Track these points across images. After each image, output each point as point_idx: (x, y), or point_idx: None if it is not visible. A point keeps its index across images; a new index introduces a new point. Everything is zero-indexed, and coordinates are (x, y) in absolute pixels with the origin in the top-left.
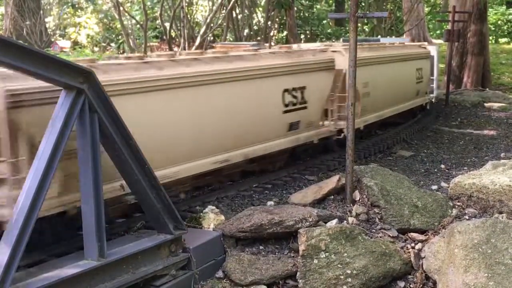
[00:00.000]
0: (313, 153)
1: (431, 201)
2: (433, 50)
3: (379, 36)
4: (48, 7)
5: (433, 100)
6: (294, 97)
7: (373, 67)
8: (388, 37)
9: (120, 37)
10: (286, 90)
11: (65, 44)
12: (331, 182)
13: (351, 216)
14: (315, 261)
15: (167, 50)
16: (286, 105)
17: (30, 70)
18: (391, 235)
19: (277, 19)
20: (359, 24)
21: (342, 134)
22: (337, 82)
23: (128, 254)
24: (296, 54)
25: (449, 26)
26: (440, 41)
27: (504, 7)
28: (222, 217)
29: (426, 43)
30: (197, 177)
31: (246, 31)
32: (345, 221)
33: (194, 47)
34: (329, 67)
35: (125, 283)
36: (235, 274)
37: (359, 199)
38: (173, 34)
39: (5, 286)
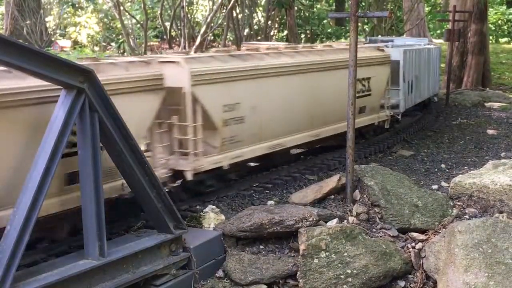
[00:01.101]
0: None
1: (431, 201)
2: (396, 54)
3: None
4: (49, 6)
5: (399, 116)
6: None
7: (259, 81)
8: (387, 36)
9: (120, 36)
10: None
11: (65, 43)
12: (332, 182)
13: (352, 216)
14: (316, 260)
15: (167, 49)
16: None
17: (30, 69)
18: (391, 235)
19: (277, 19)
20: (359, 24)
21: (180, 181)
22: (171, 105)
23: (129, 254)
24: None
25: (449, 26)
26: (440, 40)
27: (505, 6)
28: (223, 217)
29: (386, 44)
30: None
31: (247, 30)
32: (345, 221)
33: (194, 47)
34: (154, 87)
35: (125, 282)
36: (235, 274)
37: (360, 199)
38: (173, 34)
39: (5, 285)
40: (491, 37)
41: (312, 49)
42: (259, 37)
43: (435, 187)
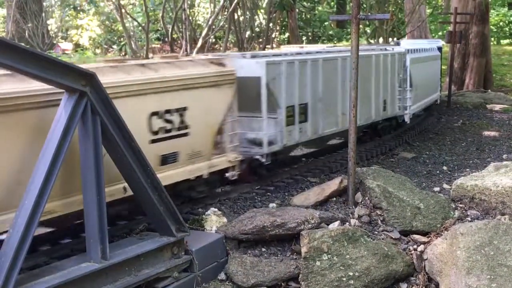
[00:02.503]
0: None
1: (433, 203)
2: (254, 68)
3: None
4: (50, 9)
5: (264, 159)
6: None
7: None
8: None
9: (122, 39)
10: None
11: (67, 46)
12: (333, 184)
13: (354, 218)
14: (318, 263)
15: (169, 52)
16: None
17: (32, 73)
18: (393, 237)
19: (278, 21)
20: (360, 26)
21: None
22: None
23: (131, 257)
24: None
25: (451, 28)
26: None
27: (506, 8)
28: (225, 219)
29: (244, 54)
30: None
31: (248, 33)
32: (347, 223)
33: (196, 49)
34: None
35: (127, 285)
36: (237, 276)
37: (361, 201)
38: (175, 36)
39: None
40: (492, 39)
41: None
42: (260, 40)
43: (437, 189)
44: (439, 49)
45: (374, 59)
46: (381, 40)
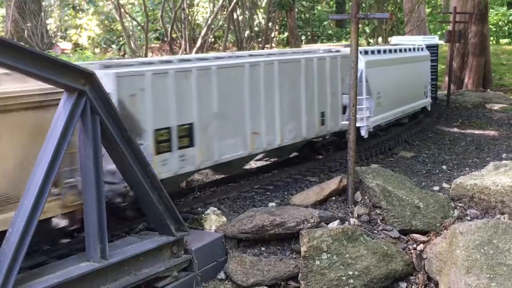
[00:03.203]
0: None
1: (432, 202)
2: (106, 83)
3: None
4: (49, 9)
5: (117, 199)
6: None
7: None
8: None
9: (121, 38)
10: None
11: (66, 46)
12: (333, 183)
13: (353, 217)
14: (317, 262)
15: (169, 51)
16: None
17: (31, 72)
18: (393, 236)
19: (278, 21)
20: (360, 25)
21: None
22: None
23: (130, 256)
24: None
25: (450, 27)
26: (441, 41)
27: (505, 8)
28: (224, 219)
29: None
30: None
31: (247, 32)
32: (346, 222)
33: (195, 49)
34: None
35: (127, 284)
36: (237, 276)
37: (361, 200)
38: (174, 36)
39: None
40: (491, 38)
41: None
42: (259, 39)
43: (436, 188)
44: (434, 47)
45: (304, 64)
46: (380, 39)
